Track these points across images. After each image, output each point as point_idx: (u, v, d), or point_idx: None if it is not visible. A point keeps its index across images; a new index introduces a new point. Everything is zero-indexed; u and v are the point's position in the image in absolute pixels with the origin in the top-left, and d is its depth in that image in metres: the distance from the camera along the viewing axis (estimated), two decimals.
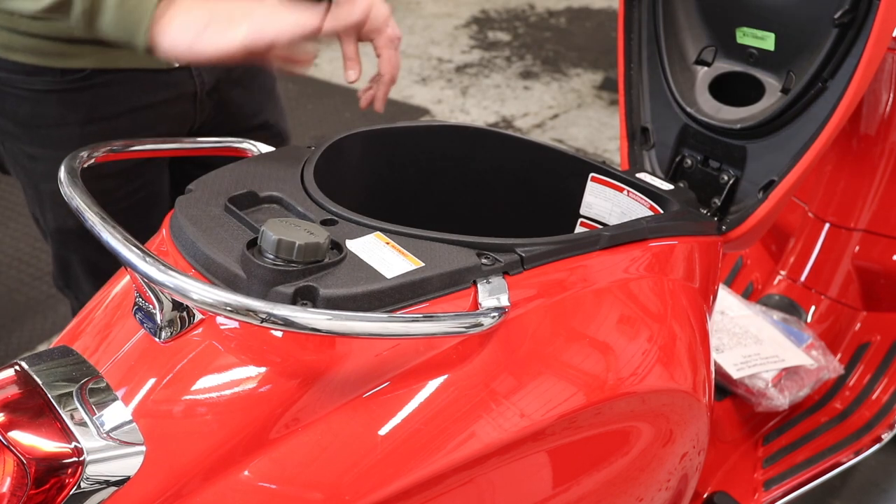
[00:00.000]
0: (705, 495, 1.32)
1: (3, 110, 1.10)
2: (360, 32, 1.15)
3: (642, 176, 1.11)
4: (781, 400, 1.37)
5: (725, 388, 1.41)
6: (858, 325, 1.56)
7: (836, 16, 1.04)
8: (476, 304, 0.78)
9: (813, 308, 1.54)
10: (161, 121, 1.16)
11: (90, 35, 0.90)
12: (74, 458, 0.68)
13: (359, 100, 1.16)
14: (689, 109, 1.18)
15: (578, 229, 1.15)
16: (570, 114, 3.32)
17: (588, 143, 3.09)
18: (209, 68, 1.18)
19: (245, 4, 0.87)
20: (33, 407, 0.72)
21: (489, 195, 1.18)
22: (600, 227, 1.11)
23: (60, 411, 0.71)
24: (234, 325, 0.73)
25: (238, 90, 1.25)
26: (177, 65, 1.13)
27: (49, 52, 1.04)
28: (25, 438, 0.69)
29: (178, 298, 0.68)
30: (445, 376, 0.76)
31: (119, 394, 0.73)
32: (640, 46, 1.25)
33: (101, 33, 0.89)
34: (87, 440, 0.69)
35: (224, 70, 1.21)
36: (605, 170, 1.10)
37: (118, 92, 1.10)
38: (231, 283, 0.73)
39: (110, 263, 0.99)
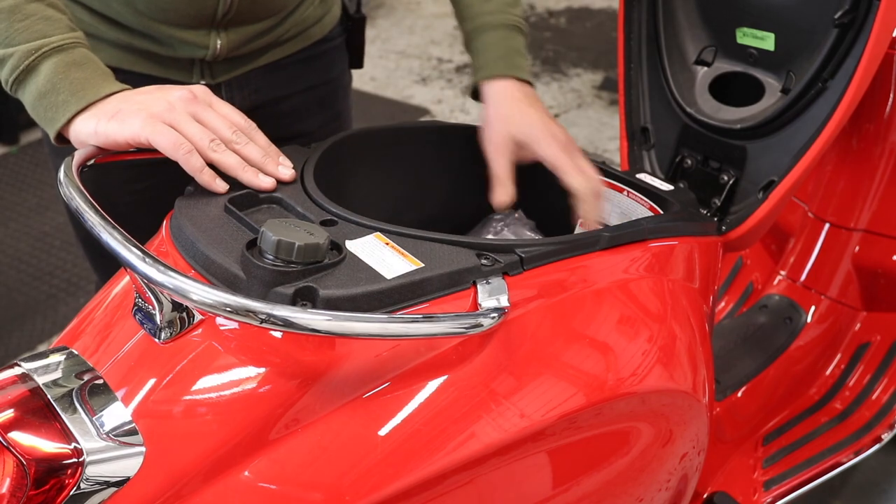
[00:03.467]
0: (705, 495, 1.32)
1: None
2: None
3: (642, 176, 1.11)
4: None
5: None
6: (858, 325, 1.56)
7: (836, 16, 1.04)
8: (476, 305, 0.78)
9: (813, 308, 1.54)
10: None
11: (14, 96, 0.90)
12: (74, 459, 0.68)
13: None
14: (689, 109, 1.18)
15: (578, 229, 1.15)
16: (570, 114, 3.32)
17: (588, 143, 3.10)
18: (245, 94, 1.14)
19: (159, 100, 0.84)
20: (33, 407, 0.72)
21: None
22: (600, 227, 1.11)
23: (60, 412, 0.71)
24: (234, 325, 0.73)
25: (284, 118, 1.20)
26: (203, 83, 1.10)
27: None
28: (25, 439, 0.69)
29: (178, 299, 0.68)
30: (445, 377, 0.76)
31: (119, 394, 0.73)
32: (640, 46, 1.25)
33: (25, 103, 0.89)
34: (87, 441, 0.69)
35: (273, 98, 1.17)
36: (605, 170, 1.10)
37: None
38: (231, 284, 0.73)
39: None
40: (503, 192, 1.04)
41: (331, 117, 1.27)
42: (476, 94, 1.12)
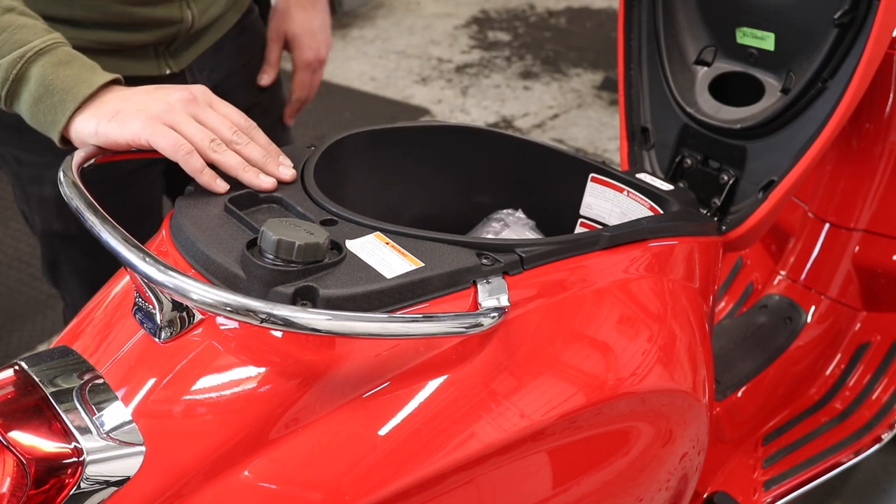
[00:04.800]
0: (705, 495, 1.32)
1: None
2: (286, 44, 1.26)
3: (642, 176, 1.11)
4: None
5: None
6: (858, 325, 1.56)
7: (836, 16, 1.04)
8: (476, 305, 0.78)
9: (813, 308, 1.54)
10: None
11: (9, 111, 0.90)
12: (74, 459, 0.68)
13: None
14: (688, 109, 1.18)
15: (578, 229, 1.15)
16: (570, 114, 3.32)
17: (588, 143, 3.09)
18: (205, 76, 1.19)
19: (159, 100, 0.84)
20: (33, 407, 0.72)
21: (489, 195, 1.18)
22: (600, 227, 1.11)
23: (60, 411, 0.71)
24: (234, 325, 0.73)
25: (242, 92, 1.24)
26: (168, 72, 1.14)
27: None
28: (25, 439, 0.69)
29: (178, 299, 0.68)
30: (445, 376, 0.76)
31: (119, 394, 0.73)
32: (640, 46, 1.25)
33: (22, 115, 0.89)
34: (87, 440, 0.69)
35: (222, 77, 1.22)
36: (605, 170, 1.10)
37: None
38: (231, 284, 0.73)
39: (97, 268, 0.98)
40: (270, 73, 1.29)
41: (260, 91, 1.32)
42: None
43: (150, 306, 0.75)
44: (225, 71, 1.24)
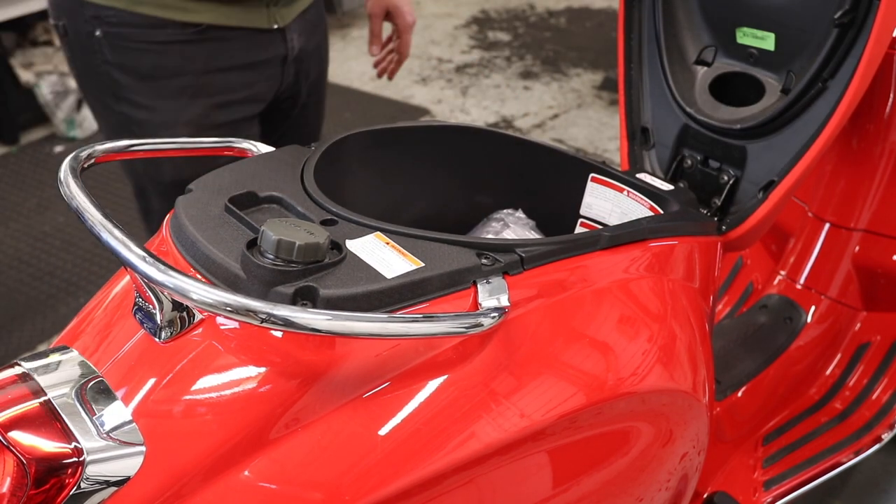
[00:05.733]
0: (705, 495, 1.32)
1: (125, 65, 1.18)
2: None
3: (642, 176, 1.11)
4: None
5: None
6: (858, 325, 1.56)
7: (836, 16, 1.04)
8: (476, 305, 0.78)
9: (813, 308, 1.54)
10: (259, 80, 1.27)
11: None
12: (74, 459, 0.68)
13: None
14: (689, 109, 1.18)
15: (578, 229, 1.15)
16: (570, 114, 3.32)
17: (588, 143, 3.09)
18: (296, 37, 1.30)
19: None
20: (33, 407, 0.72)
21: (489, 195, 1.18)
22: (600, 227, 1.11)
23: (60, 411, 0.71)
24: (234, 325, 0.73)
25: (313, 62, 1.38)
26: (275, 26, 1.24)
27: (173, 5, 1.14)
28: (25, 438, 0.69)
29: (178, 298, 0.68)
30: (445, 376, 0.76)
31: (119, 394, 0.73)
32: (640, 46, 1.25)
33: None
34: (87, 440, 0.69)
35: (304, 42, 1.33)
36: (605, 170, 1.10)
37: (229, 47, 1.20)
38: (231, 284, 0.73)
39: None
40: (378, 45, 1.51)
41: (321, 66, 1.45)
42: None
43: (151, 306, 0.75)
44: (305, 38, 1.33)
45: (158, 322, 0.74)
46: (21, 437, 0.69)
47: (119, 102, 1.23)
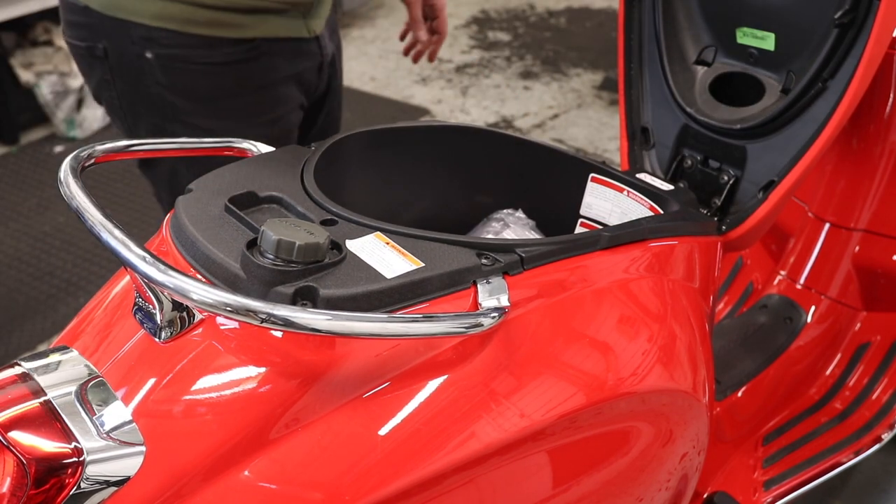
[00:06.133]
0: (705, 495, 1.32)
1: (179, 88, 1.16)
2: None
3: (642, 176, 1.11)
4: None
5: None
6: (858, 325, 1.56)
7: (837, 16, 1.04)
8: (476, 305, 0.78)
9: (813, 308, 1.54)
10: (300, 88, 1.27)
11: None
12: (74, 459, 0.68)
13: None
14: (689, 109, 1.18)
15: (578, 229, 1.15)
16: (570, 114, 3.32)
17: (588, 143, 3.09)
18: (328, 40, 1.31)
19: None
20: (33, 407, 0.72)
21: (489, 195, 1.18)
22: (600, 227, 1.11)
23: (60, 411, 0.71)
24: (234, 325, 0.73)
25: (338, 64, 1.39)
26: (311, 35, 1.24)
27: (227, 23, 1.12)
28: (25, 438, 0.69)
29: (178, 299, 0.68)
30: (445, 376, 0.76)
31: (119, 394, 0.73)
32: (640, 46, 1.25)
33: None
34: (87, 440, 0.69)
35: (333, 44, 1.34)
36: (605, 170, 1.10)
37: (277, 61, 1.20)
38: (231, 284, 0.73)
39: None
40: (423, 29, 1.53)
41: (342, 72, 1.45)
42: None
43: (150, 306, 0.75)
44: (333, 43, 1.35)
45: (158, 322, 0.74)
46: (21, 437, 0.69)
47: (173, 124, 1.21)
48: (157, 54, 1.13)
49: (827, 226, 1.53)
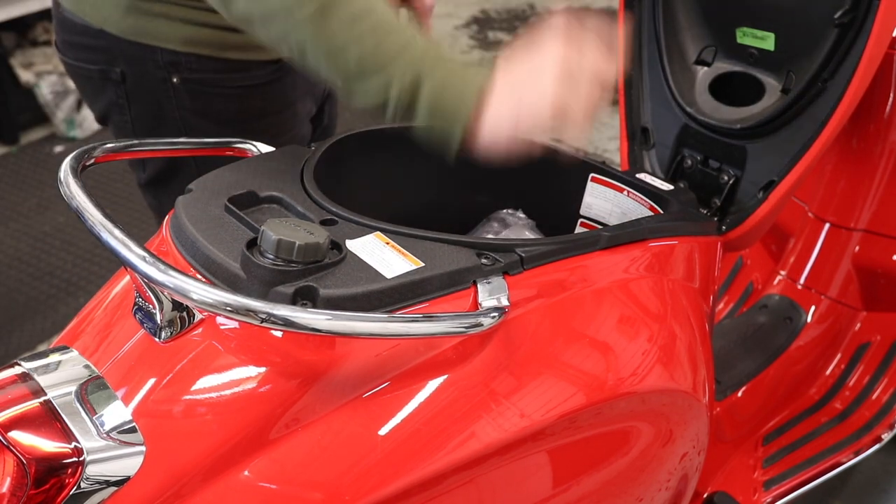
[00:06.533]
0: (705, 495, 1.32)
1: (208, 112, 1.14)
2: None
3: (642, 176, 1.11)
4: None
5: None
6: (858, 325, 1.56)
7: (836, 16, 1.04)
8: (476, 305, 0.78)
9: (813, 308, 1.54)
10: (313, 101, 1.27)
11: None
12: (74, 458, 0.68)
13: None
14: (689, 109, 1.18)
15: (578, 229, 1.15)
16: None
17: (588, 143, 3.09)
18: None
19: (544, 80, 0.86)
20: (33, 407, 0.72)
21: (489, 195, 1.18)
22: (600, 227, 1.11)
23: (60, 411, 0.71)
24: (234, 325, 0.73)
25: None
26: None
27: (257, 45, 1.08)
28: (25, 438, 0.69)
29: (178, 298, 0.68)
30: (445, 376, 0.76)
31: (119, 394, 0.73)
32: (640, 46, 1.25)
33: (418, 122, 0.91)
34: (87, 440, 0.69)
35: None
36: (605, 170, 1.10)
37: (297, 79, 1.19)
38: (231, 283, 0.73)
39: None
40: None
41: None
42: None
43: (151, 306, 0.75)
44: None
45: (158, 322, 0.74)
46: (21, 436, 0.69)
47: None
48: (185, 79, 1.11)
49: (827, 226, 1.53)
